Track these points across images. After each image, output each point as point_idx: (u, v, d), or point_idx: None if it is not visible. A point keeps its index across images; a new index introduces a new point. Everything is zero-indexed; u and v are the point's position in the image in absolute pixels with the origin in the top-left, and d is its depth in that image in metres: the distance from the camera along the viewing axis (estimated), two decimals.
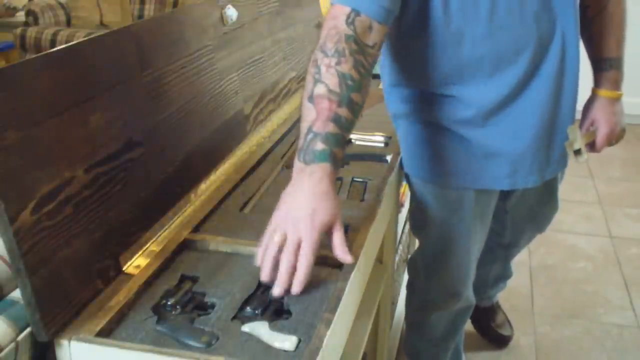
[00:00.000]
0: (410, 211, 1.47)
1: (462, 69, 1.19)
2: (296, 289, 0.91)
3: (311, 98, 1.00)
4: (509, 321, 2.06)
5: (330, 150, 0.96)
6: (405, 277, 2.11)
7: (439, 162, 1.30)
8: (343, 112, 0.98)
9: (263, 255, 0.94)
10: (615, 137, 1.33)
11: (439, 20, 1.14)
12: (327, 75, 0.99)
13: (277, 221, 0.96)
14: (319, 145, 0.96)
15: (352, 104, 1.00)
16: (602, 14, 1.28)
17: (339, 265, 1.00)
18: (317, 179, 0.95)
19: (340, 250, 0.95)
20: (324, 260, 1.00)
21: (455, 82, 1.21)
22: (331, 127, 0.97)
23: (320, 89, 0.99)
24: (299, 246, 0.92)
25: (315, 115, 0.98)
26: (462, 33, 1.15)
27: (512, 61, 1.17)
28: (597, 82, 1.32)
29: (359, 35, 1.02)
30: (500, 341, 2.02)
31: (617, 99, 1.31)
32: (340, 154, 0.98)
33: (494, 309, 2.04)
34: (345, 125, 0.99)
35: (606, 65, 1.30)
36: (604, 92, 1.30)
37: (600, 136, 1.31)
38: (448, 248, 1.39)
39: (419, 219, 1.43)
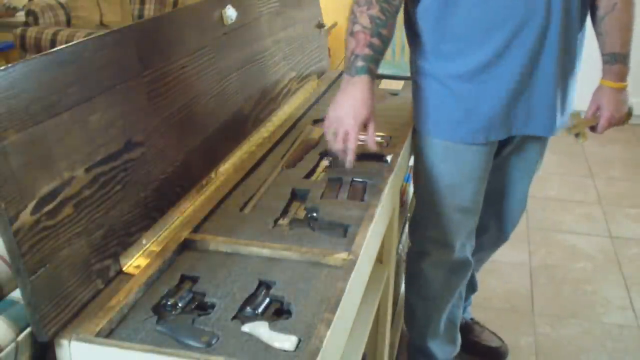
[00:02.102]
0: (413, 163, 1.62)
1: (458, 30, 1.39)
2: (347, 164, 1.29)
3: (352, 33, 1.35)
4: (496, 335, 2.02)
5: (367, 66, 1.32)
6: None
7: (432, 114, 1.50)
8: (375, 41, 1.33)
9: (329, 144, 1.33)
10: (616, 120, 1.50)
11: None
12: (361, 17, 1.34)
13: (329, 121, 1.32)
14: (360, 63, 1.32)
15: (381, 36, 1.34)
16: (611, 14, 1.43)
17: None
18: (358, 87, 1.31)
19: (371, 139, 1.32)
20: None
21: (451, 41, 1.41)
22: (367, 51, 1.33)
23: (357, 27, 1.34)
24: (346, 135, 1.28)
25: (355, 44, 1.34)
26: None
27: (499, 28, 1.36)
28: (603, 74, 1.49)
29: None
30: (493, 354, 1.98)
31: (620, 89, 1.48)
32: (374, 69, 1.34)
33: (472, 325, 2.02)
34: (377, 50, 1.34)
35: (611, 59, 1.46)
36: (607, 83, 1.48)
37: (602, 119, 1.49)
38: (437, 197, 1.55)
39: (416, 167, 1.61)
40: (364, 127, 1.31)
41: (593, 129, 1.53)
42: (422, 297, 1.73)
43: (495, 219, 1.76)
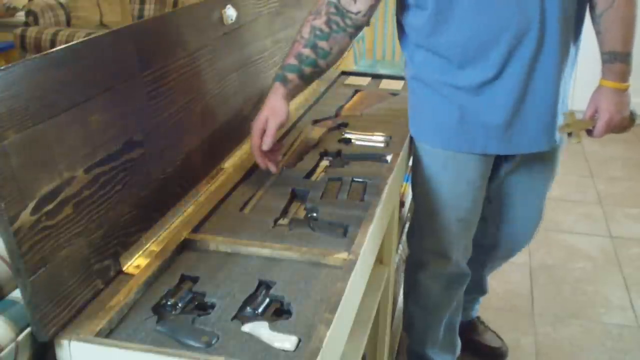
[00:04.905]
0: (412, 171, 1.60)
1: (451, 48, 1.35)
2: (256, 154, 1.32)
3: (293, 41, 1.38)
4: (498, 335, 2.02)
5: (283, 74, 1.34)
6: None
7: (429, 122, 1.47)
8: (306, 51, 1.34)
9: None
10: (614, 124, 1.39)
11: None
12: (304, 27, 1.36)
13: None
14: (279, 71, 1.36)
15: (317, 48, 1.35)
16: (610, 11, 1.34)
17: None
18: (272, 93, 1.34)
19: (267, 137, 1.30)
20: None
21: (444, 57, 1.37)
22: (292, 60, 1.35)
23: (297, 36, 1.37)
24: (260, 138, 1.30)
25: (288, 53, 1.37)
26: (451, 9, 1.30)
27: (494, 45, 1.31)
28: (603, 74, 1.39)
29: (341, 2, 1.34)
30: (493, 354, 1.98)
31: (621, 90, 1.37)
32: (294, 79, 1.34)
33: (475, 324, 2.02)
34: (305, 61, 1.34)
35: (611, 58, 1.37)
36: (606, 83, 1.38)
37: (600, 122, 1.39)
38: (435, 206, 1.51)
39: (414, 175, 1.57)
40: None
41: (590, 132, 1.41)
42: (420, 307, 1.72)
43: (504, 238, 1.73)
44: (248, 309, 0.94)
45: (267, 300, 0.96)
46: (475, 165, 1.47)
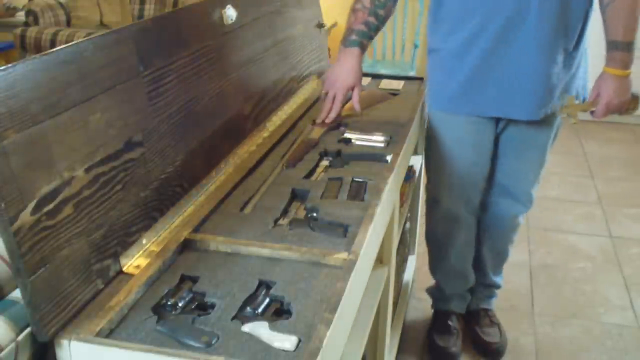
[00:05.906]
0: None
1: (446, 15, 1.61)
2: (327, 119, 1.63)
3: (353, 10, 1.65)
4: (502, 333, 2.02)
5: (359, 40, 1.62)
6: (405, 277, 2.11)
7: (429, 85, 1.73)
8: (371, 19, 1.63)
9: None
10: (613, 107, 1.53)
11: None
12: None
13: (325, 85, 1.67)
14: (354, 37, 1.62)
15: (377, 15, 1.63)
16: (615, 3, 1.47)
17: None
18: (349, 57, 1.61)
19: (354, 100, 1.65)
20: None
21: (443, 23, 1.63)
22: (362, 27, 1.62)
23: (358, 5, 1.64)
24: (334, 96, 1.63)
25: (354, 19, 1.63)
26: None
27: (472, 15, 1.53)
28: (606, 61, 1.53)
29: None
30: (487, 349, 1.98)
31: (621, 77, 1.51)
32: (366, 44, 1.64)
33: (481, 315, 2.04)
34: (371, 27, 1.64)
35: (613, 47, 1.50)
36: (608, 69, 1.52)
37: (600, 104, 1.54)
38: (432, 159, 1.78)
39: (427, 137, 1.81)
40: (351, 90, 1.62)
41: (592, 113, 1.55)
42: (430, 240, 2.00)
43: (496, 195, 1.87)
44: (248, 309, 0.94)
45: (267, 300, 0.96)
46: (461, 126, 1.67)
